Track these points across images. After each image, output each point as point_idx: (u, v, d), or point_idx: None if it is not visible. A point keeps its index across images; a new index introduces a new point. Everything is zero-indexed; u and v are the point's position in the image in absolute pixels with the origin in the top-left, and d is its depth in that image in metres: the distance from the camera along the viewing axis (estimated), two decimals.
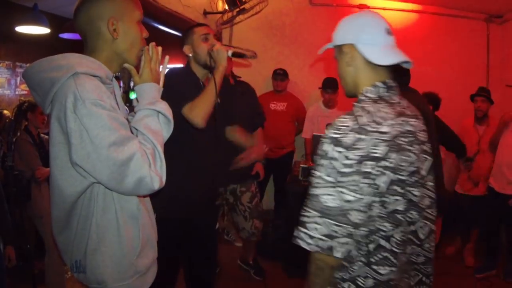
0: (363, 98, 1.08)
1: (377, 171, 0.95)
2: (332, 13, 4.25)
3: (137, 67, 1.23)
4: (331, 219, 0.95)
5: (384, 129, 0.98)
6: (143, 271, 1.18)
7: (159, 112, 1.17)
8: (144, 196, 1.23)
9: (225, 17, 3.85)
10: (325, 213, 0.96)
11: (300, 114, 4.05)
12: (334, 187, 0.95)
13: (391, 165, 0.97)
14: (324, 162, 0.98)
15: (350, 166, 0.95)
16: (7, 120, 3.19)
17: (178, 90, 1.81)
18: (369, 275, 1.02)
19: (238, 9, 3.64)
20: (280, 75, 3.96)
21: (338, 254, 0.97)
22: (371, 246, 1.01)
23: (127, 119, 1.24)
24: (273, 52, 4.49)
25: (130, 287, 1.14)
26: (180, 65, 2.17)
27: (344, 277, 1.05)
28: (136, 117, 1.15)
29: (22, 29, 3.21)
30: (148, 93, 1.19)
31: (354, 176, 0.95)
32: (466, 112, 3.64)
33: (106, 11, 1.11)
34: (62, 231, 1.14)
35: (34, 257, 2.69)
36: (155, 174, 1.03)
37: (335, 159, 0.96)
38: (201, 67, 1.95)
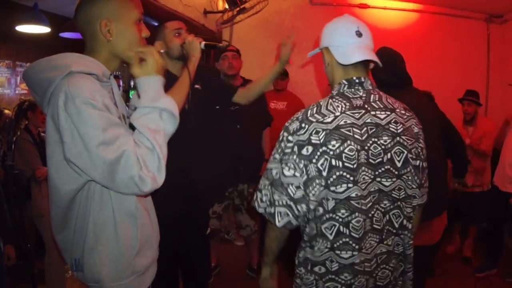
0: (330, 95, 1.23)
1: (318, 155, 1.11)
2: (332, 13, 4.21)
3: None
4: (274, 187, 1.16)
5: (327, 120, 1.12)
6: (141, 271, 1.18)
7: (163, 109, 1.10)
8: (145, 196, 1.23)
9: (225, 17, 3.85)
10: (271, 183, 1.17)
11: None
12: (279, 163, 1.16)
13: (331, 152, 1.10)
14: (277, 144, 1.20)
15: (291, 148, 1.14)
16: (7, 120, 3.19)
17: None
18: (334, 260, 1.14)
19: (238, 9, 3.63)
20: (280, 74, 3.96)
21: (278, 223, 1.16)
22: (332, 233, 1.13)
23: (128, 117, 1.23)
24: (273, 51, 4.49)
25: (127, 286, 1.14)
26: None
27: (314, 260, 1.17)
28: (135, 115, 1.10)
29: (22, 28, 3.21)
30: (153, 87, 1.11)
31: (293, 156, 1.13)
32: None
33: (102, 12, 1.11)
34: (61, 230, 1.14)
35: (34, 256, 2.69)
36: (145, 175, 0.99)
37: (282, 141, 1.18)
38: (174, 61, 1.93)
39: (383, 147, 1.14)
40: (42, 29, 3.18)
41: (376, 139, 1.14)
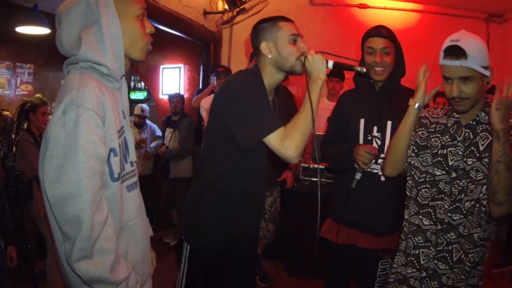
0: None
1: None
2: (332, 13, 4.25)
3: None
4: None
5: None
6: None
7: None
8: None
9: (225, 17, 3.85)
10: None
11: None
12: None
13: None
14: None
15: None
16: (8, 120, 3.19)
17: (258, 106, 1.40)
18: None
19: (238, 9, 3.64)
20: None
21: None
22: None
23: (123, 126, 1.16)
24: None
25: None
26: (179, 66, 1.70)
27: None
28: None
29: (22, 29, 3.22)
30: None
31: None
32: None
33: None
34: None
35: (35, 257, 2.69)
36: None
37: None
38: (280, 73, 1.52)
39: None
40: (42, 30, 3.19)
41: None
